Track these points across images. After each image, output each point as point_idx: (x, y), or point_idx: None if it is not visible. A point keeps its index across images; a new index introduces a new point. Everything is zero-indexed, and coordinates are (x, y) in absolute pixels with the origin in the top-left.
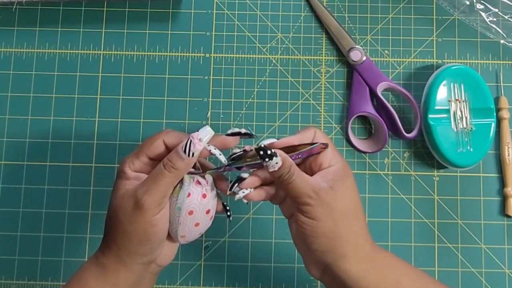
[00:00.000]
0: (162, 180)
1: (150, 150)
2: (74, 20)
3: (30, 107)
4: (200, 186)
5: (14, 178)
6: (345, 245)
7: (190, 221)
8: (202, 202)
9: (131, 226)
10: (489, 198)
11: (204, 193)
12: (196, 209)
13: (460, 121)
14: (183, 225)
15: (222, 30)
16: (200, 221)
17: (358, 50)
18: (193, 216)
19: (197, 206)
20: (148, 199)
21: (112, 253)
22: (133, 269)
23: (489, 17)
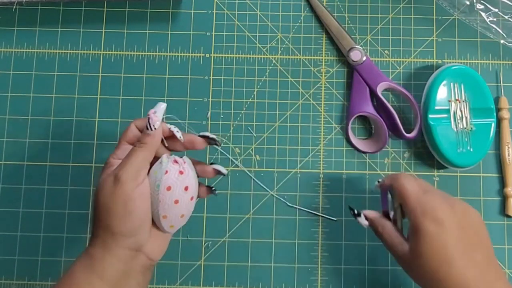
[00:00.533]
0: (135, 155)
1: (126, 136)
2: (74, 20)
3: (30, 107)
4: (177, 164)
5: (14, 178)
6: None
7: (169, 197)
8: (179, 178)
9: (111, 200)
10: (489, 198)
11: (181, 170)
12: (173, 185)
13: (460, 121)
14: (162, 203)
15: (222, 30)
16: (179, 198)
17: (358, 50)
18: (171, 192)
19: (174, 182)
20: (124, 173)
21: (98, 240)
22: (119, 254)
23: (489, 17)
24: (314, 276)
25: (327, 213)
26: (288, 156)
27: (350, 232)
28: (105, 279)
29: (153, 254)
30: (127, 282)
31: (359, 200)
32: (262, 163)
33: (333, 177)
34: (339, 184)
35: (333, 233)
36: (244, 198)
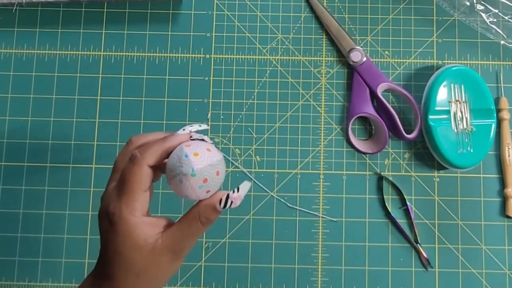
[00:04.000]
0: (199, 234)
1: (144, 184)
2: (74, 21)
3: (30, 108)
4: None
5: (14, 179)
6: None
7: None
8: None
9: (163, 281)
10: (489, 199)
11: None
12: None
13: (460, 122)
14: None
15: (222, 31)
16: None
17: (358, 51)
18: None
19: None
20: (186, 252)
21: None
22: None
23: (489, 17)
24: (314, 277)
25: (327, 214)
26: (289, 157)
27: (350, 233)
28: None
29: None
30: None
31: (359, 201)
32: (263, 164)
33: (333, 178)
34: (339, 185)
35: (333, 234)
36: (245, 199)
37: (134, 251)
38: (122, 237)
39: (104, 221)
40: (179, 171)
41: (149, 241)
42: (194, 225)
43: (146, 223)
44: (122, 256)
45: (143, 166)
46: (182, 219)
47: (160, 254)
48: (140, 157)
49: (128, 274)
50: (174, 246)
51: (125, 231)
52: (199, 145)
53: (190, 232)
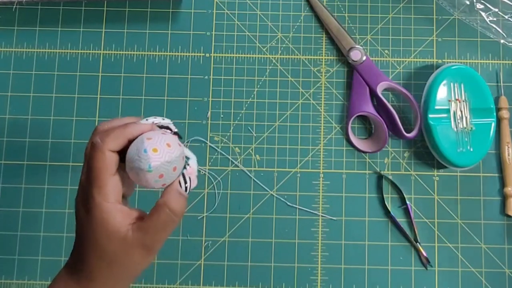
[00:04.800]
0: (170, 227)
1: (111, 169)
2: (74, 20)
3: (30, 107)
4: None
5: (14, 178)
6: None
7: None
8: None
9: (134, 273)
10: (489, 198)
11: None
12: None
13: (460, 121)
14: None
15: (222, 30)
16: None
17: (358, 50)
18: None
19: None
20: (157, 247)
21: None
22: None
23: (489, 16)
24: (314, 276)
25: (327, 212)
26: (288, 156)
27: (350, 232)
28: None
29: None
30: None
31: (359, 200)
32: (262, 162)
33: (333, 176)
34: (339, 183)
35: (333, 232)
36: (244, 198)
37: (106, 238)
38: (95, 223)
39: (80, 209)
40: (137, 164)
41: (121, 230)
42: (163, 216)
43: (118, 211)
44: (94, 242)
45: (105, 151)
46: (151, 212)
47: (131, 246)
48: (101, 143)
49: (100, 262)
50: (144, 239)
51: (99, 216)
52: (160, 139)
53: (160, 223)
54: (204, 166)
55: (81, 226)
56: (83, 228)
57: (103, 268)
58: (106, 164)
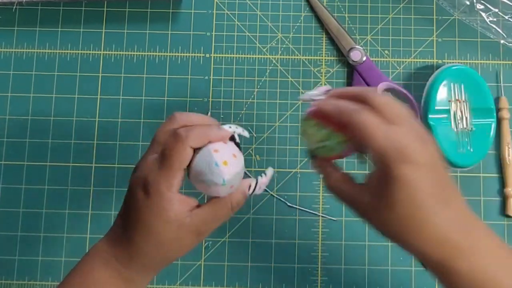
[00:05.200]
0: (225, 218)
1: (183, 164)
2: (74, 20)
3: (30, 107)
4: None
5: (14, 178)
6: (417, 243)
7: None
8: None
9: (180, 255)
10: (489, 198)
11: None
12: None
13: (460, 121)
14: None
15: (222, 30)
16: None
17: (358, 50)
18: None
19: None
20: (209, 233)
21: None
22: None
23: (489, 17)
24: (314, 276)
25: (327, 213)
26: (288, 156)
27: (350, 232)
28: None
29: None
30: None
31: None
32: (262, 163)
33: None
34: None
35: (333, 233)
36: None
37: (162, 225)
38: (154, 209)
39: (139, 189)
40: (209, 178)
41: (179, 218)
42: (225, 210)
43: (178, 200)
44: (149, 226)
45: (187, 147)
46: (212, 203)
47: (186, 231)
48: (185, 137)
49: (150, 244)
50: (200, 226)
51: (159, 204)
52: (227, 150)
53: (219, 215)
54: None
55: (137, 208)
56: (139, 211)
57: (152, 250)
58: (184, 158)
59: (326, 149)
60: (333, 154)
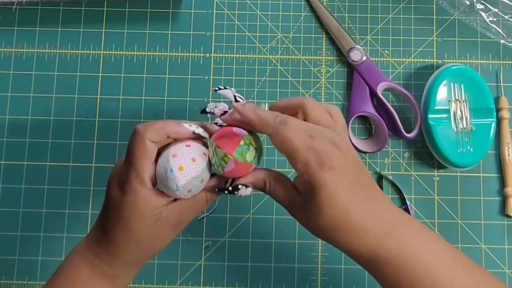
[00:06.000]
0: (203, 209)
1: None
2: (74, 20)
3: (30, 107)
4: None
5: (14, 178)
6: (346, 240)
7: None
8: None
9: (160, 248)
10: (489, 198)
11: (188, 144)
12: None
13: (460, 121)
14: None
15: (222, 30)
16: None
17: (358, 50)
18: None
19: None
20: (186, 224)
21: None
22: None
23: (489, 17)
24: (314, 276)
25: None
26: None
27: None
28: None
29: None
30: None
31: None
32: (263, 163)
33: None
34: None
35: None
36: (244, 198)
37: (139, 222)
38: (130, 206)
39: (114, 189)
40: (165, 183)
41: (155, 212)
42: (199, 203)
43: (153, 195)
44: (126, 224)
45: (145, 139)
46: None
47: (163, 225)
48: (142, 132)
49: (129, 241)
50: (177, 219)
51: (134, 201)
52: (185, 154)
53: (194, 208)
54: None
55: (113, 206)
56: (115, 209)
57: (130, 247)
58: (146, 152)
59: (216, 165)
60: (223, 171)
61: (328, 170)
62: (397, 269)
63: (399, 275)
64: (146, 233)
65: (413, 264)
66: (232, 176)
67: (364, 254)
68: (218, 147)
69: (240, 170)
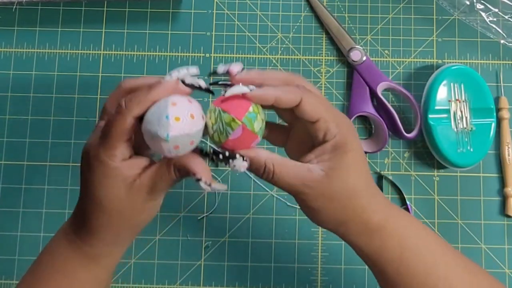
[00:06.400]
0: (177, 180)
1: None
2: (74, 20)
3: (30, 107)
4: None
5: (14, 178)
6: (348, 224)
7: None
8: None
9: (136, 222)
10: (489, 198)
11: (189, 99)
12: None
13: (460, 121)
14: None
15: (222, 30)
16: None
17: (358, 50)
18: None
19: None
20: (162, 193)
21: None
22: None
23: (489, 17)
24: (314, 276)
25: None
26: None
27: None
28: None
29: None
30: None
31: None
32: None
33: None
34: None
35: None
36: (244, 198)
37: (109, 194)
38: (98, 179)
39: (84, 163)
40: (155, 129)
41: (127, 182)
42: (172, 174)
43: (125, 166)
44: (95, 199)
45: (127, 118)
46: (161, 164)
47: (136, 194)
48: (125, 109)
49: (101, 216)
50: (150, 186)
51: (102, 173)
52: (185, 107)
53: (169, 177)
54: None
55: (83, 181)
56: (85, 184)
57: (103, 222)
58: (123, 130)
59: (219, 133)
60: (225, 139)
61: (356, 137)
62: (402, 240)
63: (404, 247)
64: (118, 206)
65: (409, 255)
66: (232, 148)
67: (374, 221)
68: (224, 111)
69: (246, 140)
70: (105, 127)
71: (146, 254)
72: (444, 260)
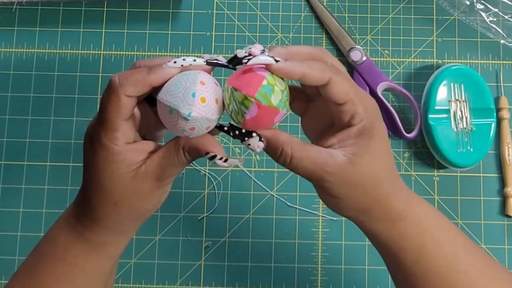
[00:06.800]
0: (186, 165)
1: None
2: (74, 20)
3: (30, 107)
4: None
5: (14, 178)
6: (370, 212)
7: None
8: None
9: (143, 210)
10: (489, 198)
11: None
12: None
13: (460, 121)
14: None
15: (222, 30)
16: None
17: (358, 50)
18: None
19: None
20: (170, 180)
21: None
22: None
23: (489, 17)
24: (314, 276)
25: (327, 213)
26: None
27: (350, 232)
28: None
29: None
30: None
31: None
32: (262, 163)
33: None
34: None
35: (333, 233)
36: (244, 198)
37: (113, 180)
38: (101, 164)
39: (87, 145)
40: (177, 103)
41: (132, 169)
42: (182, 157)
43: (129, 150)
44: (99, 184)
45: (120, 95)
46: (168, 147)
47: (142, 181)
48: (118, 86)
49: (105, 203)
50: (157, 172)
51: (106, 158)
52: (213, 90)
53: (178, 161)
54: (204, 167)
55: (86, 165)
56: (88, 168)
57: (108, 209)
58: (119, 109)
59: (235, 113)
60: (243, 119)
61: (381, 121)
62: (416, 249)
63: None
64: (123, 193)
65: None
66: (254, 127)
67: (397, 209)
68: (236, 89)
69: (265, 117)
70: (100, 107)
71: (146, 254)
72: (464, 253)
